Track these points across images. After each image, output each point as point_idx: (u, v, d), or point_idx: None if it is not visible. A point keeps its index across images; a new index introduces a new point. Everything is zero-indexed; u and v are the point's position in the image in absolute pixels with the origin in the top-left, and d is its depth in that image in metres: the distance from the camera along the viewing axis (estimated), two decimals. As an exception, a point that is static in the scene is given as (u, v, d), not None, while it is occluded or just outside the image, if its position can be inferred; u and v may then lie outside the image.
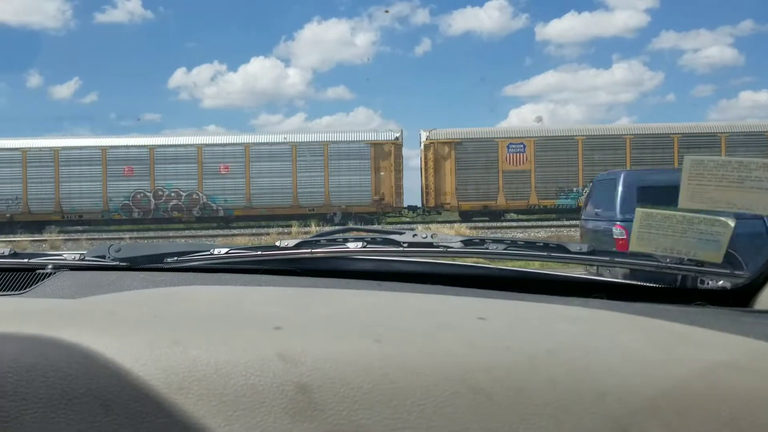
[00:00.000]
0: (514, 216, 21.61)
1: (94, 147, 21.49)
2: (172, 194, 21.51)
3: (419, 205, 22.75)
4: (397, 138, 21.51)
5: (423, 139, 21.91)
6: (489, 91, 56.32)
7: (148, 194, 21.48)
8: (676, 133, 21.21)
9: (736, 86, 60.65)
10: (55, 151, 21.29)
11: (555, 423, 0.61)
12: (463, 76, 59.75)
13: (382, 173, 21.34)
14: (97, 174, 21.35)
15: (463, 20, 55.96)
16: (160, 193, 21.50)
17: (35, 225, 20.59)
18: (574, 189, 21.25)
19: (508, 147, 21.36)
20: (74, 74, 55.70)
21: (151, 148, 21.54)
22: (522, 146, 21.40)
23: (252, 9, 59.59)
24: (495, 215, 21.43)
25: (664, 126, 21.87)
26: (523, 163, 21.39)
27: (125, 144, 21.82)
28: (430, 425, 0.61)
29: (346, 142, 21.55)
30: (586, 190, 21.40)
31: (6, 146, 21.30)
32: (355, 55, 54.00)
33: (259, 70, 54.05)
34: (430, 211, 21.88)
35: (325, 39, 54.93)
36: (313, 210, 21.03)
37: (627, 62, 54.54)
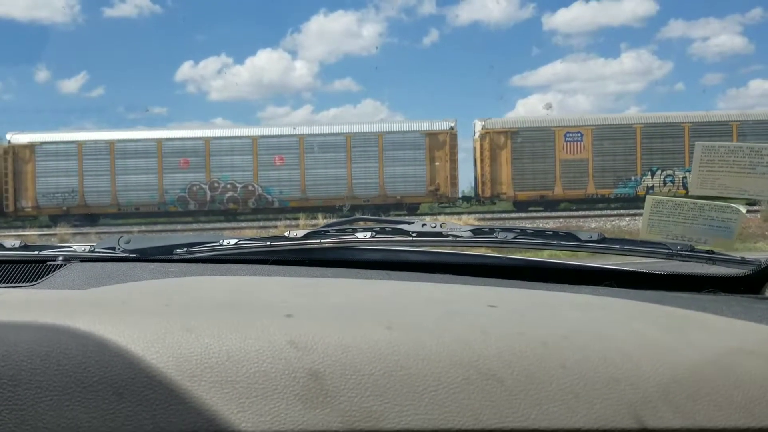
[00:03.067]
0: (569, 206, 22.23)
1: (149, 139, 22.39)
2: (228, 186, 22.42)
3: (472, 195, 23.63)
4: (452, 128, 22.20)
5: (478, 128, 22.68)
6: (497, 81, 57.25)
7: (203, 186, 22.41)
8: (734, 121, 22.01)
9: (746, 75, 62.30)
10: (110, 143, 22.20)
11: (567, 409, 0.64)
12: (471, 66, 60.99)
13: (437, 163, 22.06)
14: (153, 166, 22.25)
15: (470, 10, 57.44)
16: (216, 184, 22.43)
17: (91, 218, 21.67)
18: (633, 178, 22.07)
19: (565, 136, 22.11)
20: (82, 68, 58.06)
21: (207, 140, 22.39)
22: (579, 135, 22.13)
23: (259, 1, 61.89)
24: (552, 205, 22.10)
25: (722, 114, 22.70)
26: (581, 152, 22.11)
27: (181, 136, 22.69)
28: (442, 411, 0.64)
29: (401, 133, 22.37)
30: (645, 179, 22.48)
31: (62, 139, 22.31)
32: (362, 47, 55.79)
33: (266, 63, 56.43)
34: (485, 201, 22.55)
35: (331, 31, 57.29)
36: (368, 201, 21.91)
37: (635, 51, 55.60)
